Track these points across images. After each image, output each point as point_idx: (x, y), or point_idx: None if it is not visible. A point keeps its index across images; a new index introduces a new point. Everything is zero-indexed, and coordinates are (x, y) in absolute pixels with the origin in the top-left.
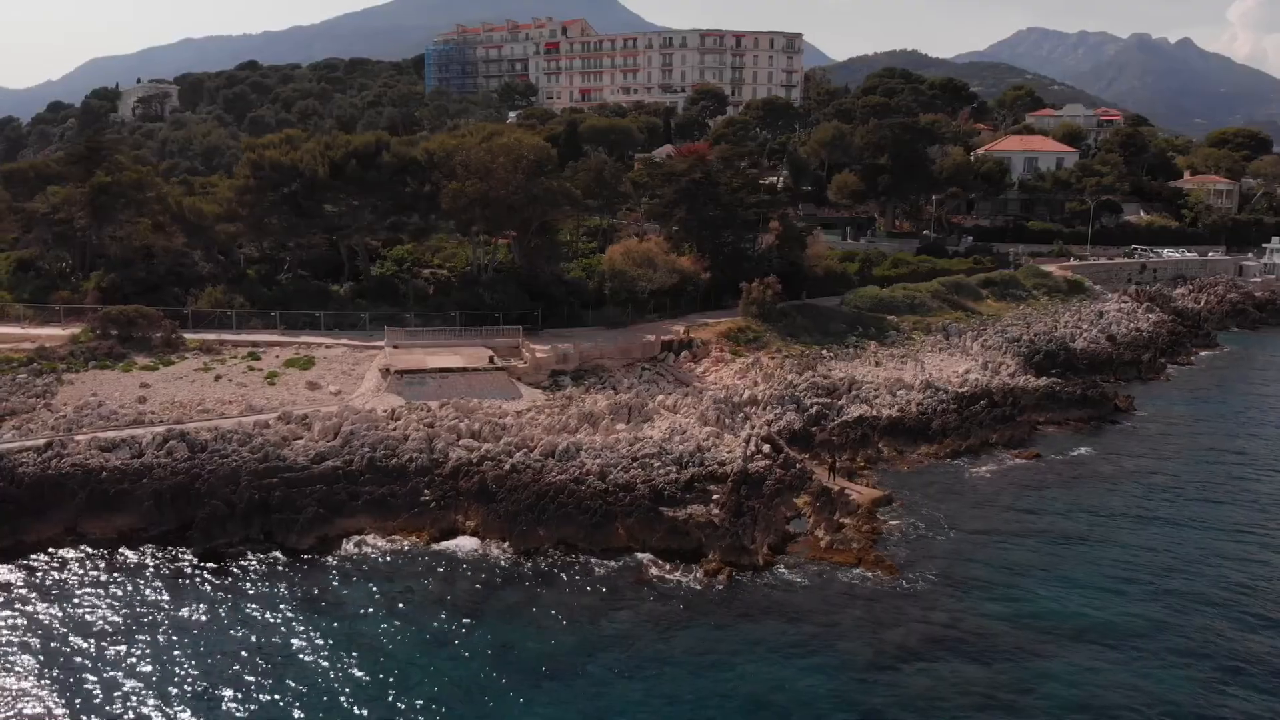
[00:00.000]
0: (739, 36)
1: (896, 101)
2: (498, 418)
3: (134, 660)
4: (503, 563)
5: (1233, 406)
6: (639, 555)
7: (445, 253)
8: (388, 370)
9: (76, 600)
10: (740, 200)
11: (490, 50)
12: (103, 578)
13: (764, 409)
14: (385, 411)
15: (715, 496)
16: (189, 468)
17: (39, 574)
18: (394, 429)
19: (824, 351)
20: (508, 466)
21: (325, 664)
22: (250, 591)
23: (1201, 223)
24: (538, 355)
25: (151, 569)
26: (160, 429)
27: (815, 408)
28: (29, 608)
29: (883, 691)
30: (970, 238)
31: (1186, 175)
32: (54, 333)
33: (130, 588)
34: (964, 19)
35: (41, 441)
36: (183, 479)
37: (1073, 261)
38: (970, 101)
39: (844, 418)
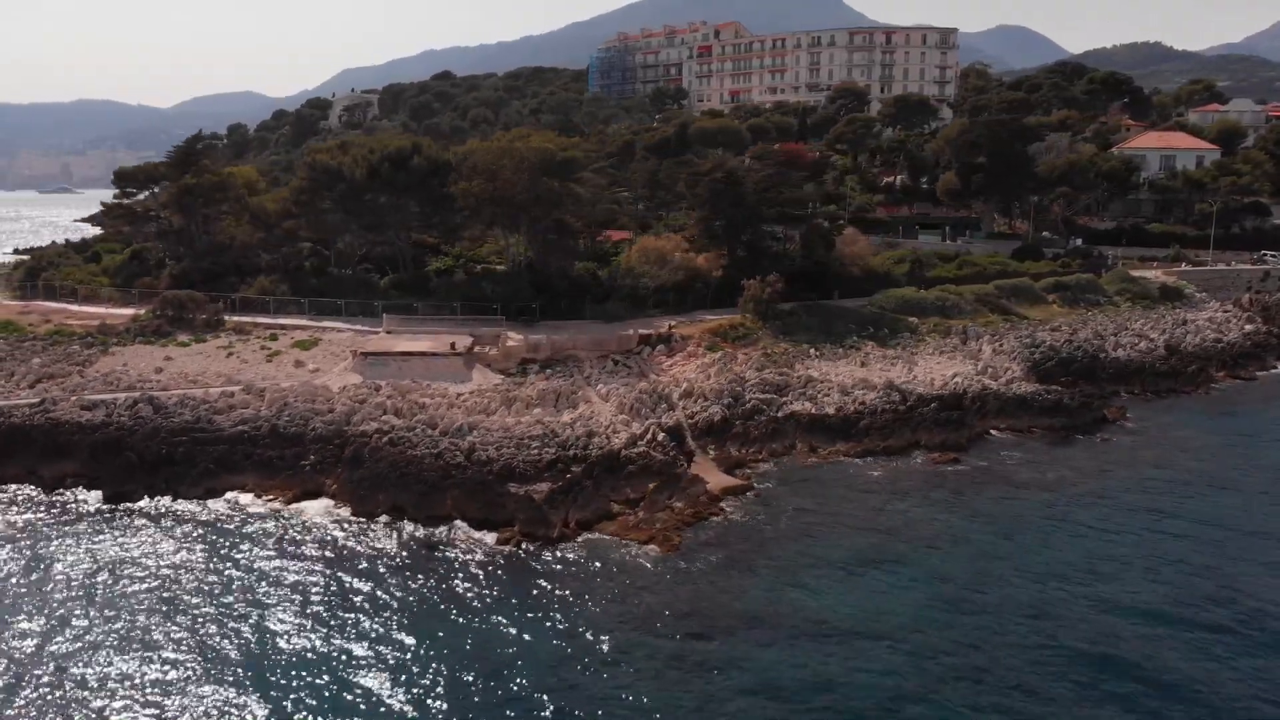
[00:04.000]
0: (889, 34)
1: (1036, 98)
2: (428, 398)
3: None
4: (334, 522)
5: (1255, 426)
6: (458, 524)
7: (494, 248)
8: (355, 352)
9: None
10: (766, 199)
11: (648, 56)
12: (26, 508)
13: (694, 401)
14: (339, 388)
15: (568, 476)
16: (132, 426)
17: None
18: (326, 403)
19: (813, 351)
20: (386, 439)
21: (134, 583)
22: (121, 526)
23: None
24: (509, 344)
25: (67, 504)
26: (136, 394)
27: (753, 403)
28: None
29: (573, 653)
30: (1079, 240)
31: None
32: (128, 312)
33: (39, 515)
34: (1220, 8)
35: (36, 399)
36: (122, 434)
37: (1182, 266)
38: (1123, 96)
39: (778, 413)
